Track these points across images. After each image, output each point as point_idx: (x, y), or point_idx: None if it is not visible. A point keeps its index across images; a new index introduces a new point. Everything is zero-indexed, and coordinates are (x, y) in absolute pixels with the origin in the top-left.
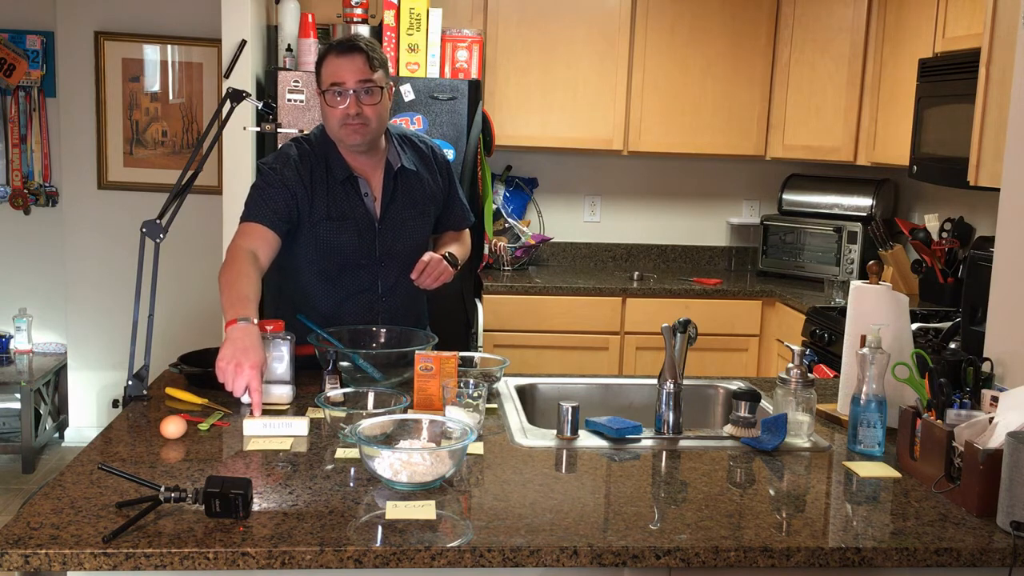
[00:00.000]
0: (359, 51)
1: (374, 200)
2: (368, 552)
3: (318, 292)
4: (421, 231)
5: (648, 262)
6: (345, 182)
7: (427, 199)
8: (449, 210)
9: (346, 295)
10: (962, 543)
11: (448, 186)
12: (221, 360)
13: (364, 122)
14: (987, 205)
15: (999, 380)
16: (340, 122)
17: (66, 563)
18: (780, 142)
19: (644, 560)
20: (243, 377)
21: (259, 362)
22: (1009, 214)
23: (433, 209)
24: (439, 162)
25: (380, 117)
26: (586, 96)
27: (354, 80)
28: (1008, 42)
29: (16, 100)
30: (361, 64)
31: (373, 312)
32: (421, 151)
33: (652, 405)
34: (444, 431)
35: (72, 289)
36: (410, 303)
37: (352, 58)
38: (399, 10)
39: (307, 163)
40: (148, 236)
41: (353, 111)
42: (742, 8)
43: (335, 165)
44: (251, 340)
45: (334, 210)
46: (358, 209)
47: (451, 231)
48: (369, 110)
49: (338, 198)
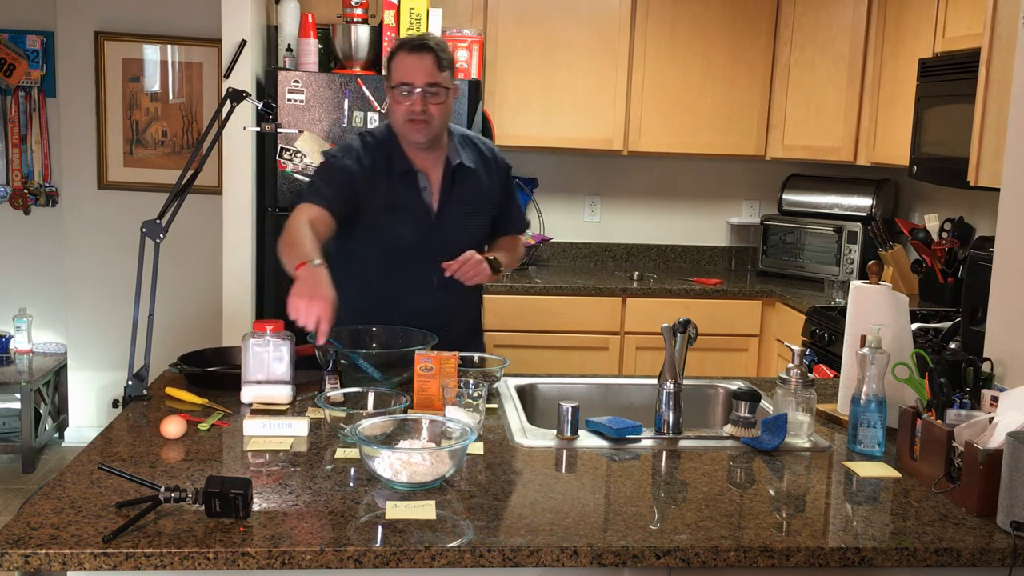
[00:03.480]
0: (429, 51)
1: (432, 195)
2: (368, 552)
3: (374, 284)
4: (477, 228)
5: (648, 262)
6: (405, 175)
7: (483, 198)
8: (505, 213)
9: (403, 288)
10: (962, 543)
11: (506, 189)
12: (292, 296)
13: (428, 120)
14: (987, 205)
15: (999, 380)
16: (405, 118)
17: (66, 563)
18: (780, 142)
19: (644, 560)
20: (315, 311)
21: (329, 297)
22: (1009, 214)
23: (489, 208)
24: (498, 164)
25: (444, 116)
26: (586, 96)
27: (422, 80)
28: (1008, 42)
29: (16, 100)
30: (430, 64)
31: (429, 306)
32: (481, 152)
33: (652, 405)
34: (444, 431)
35: (72, 289)
36: (465, 300)
37: (422, 57)
38: (399, 10)
39: (369, 153)
40: (148, 236)
41: (418, 109)
42: (742, 8)
43: (396, 158)
44: (320, 278)
45: (393, 200)
46: (416, 202)
47: (506, 236)
48: (434, 109)
49: (397, 189)
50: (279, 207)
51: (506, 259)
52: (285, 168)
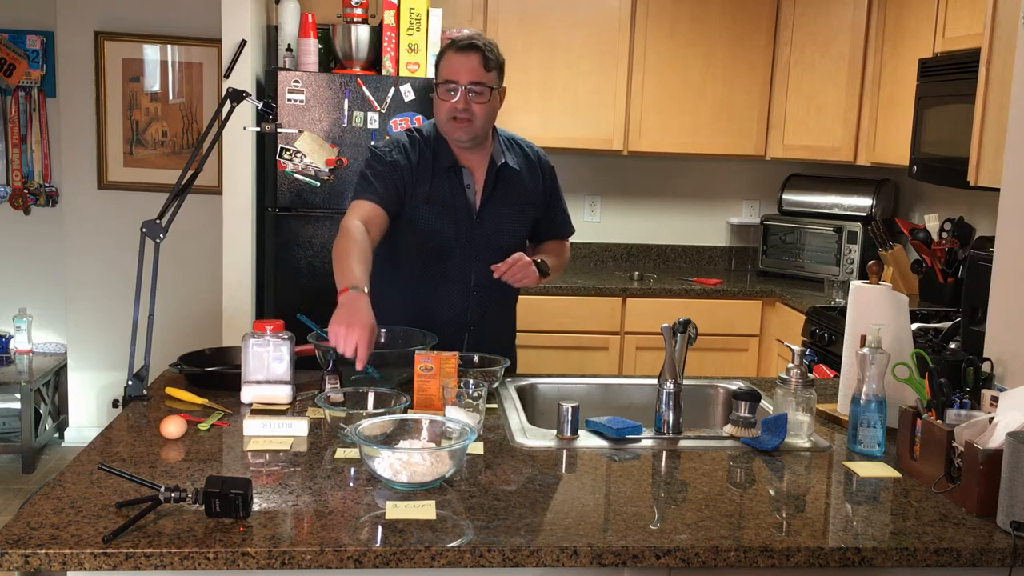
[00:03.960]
0: (477, 50)
1: (475, 193)
2: (368, 552)
3: (413, 279)
4: (518, 229)
5: (648, 262)
6: (449, 171)
7: (527, 199)
8: (550, 217)
9: (440, 283)
10: (962, 543)
11: (551, 192)
12: (333, 323)
13: (470, 118)
14: (987, 205)
15: (999, 380)
16: (448, 115)
17: (66, 563)
18: (780, 142)
19: (644, 560)
20: (353, 338)
21: (368, 324)
22: (1009, 214)
23: (532, 210)
24: (543, 167)
25: (487, 115)
26: (586, 96)
27: (467, 78)
28: (1008, 42)
29: (16, 100)
30: (476, 63)
31: (465, 303)
32: (526, 154)
33: (652, 405)
34: (444, 431)
35: (72, 289)
36: (502, 300)
37: (469, 56)
38: (399, 10)
39: (416, 147)
40: (148, 236)
41: (461, 106)
42: (742, 8)
43: (441, 154)
44: (360, 305)
45: (435, 195)
46: (459, 198)
47: (552, 241)
48: (477, 108)
49: (441, 185)
50: (279, 207)
51: (553, 263)
52: (285, 168)
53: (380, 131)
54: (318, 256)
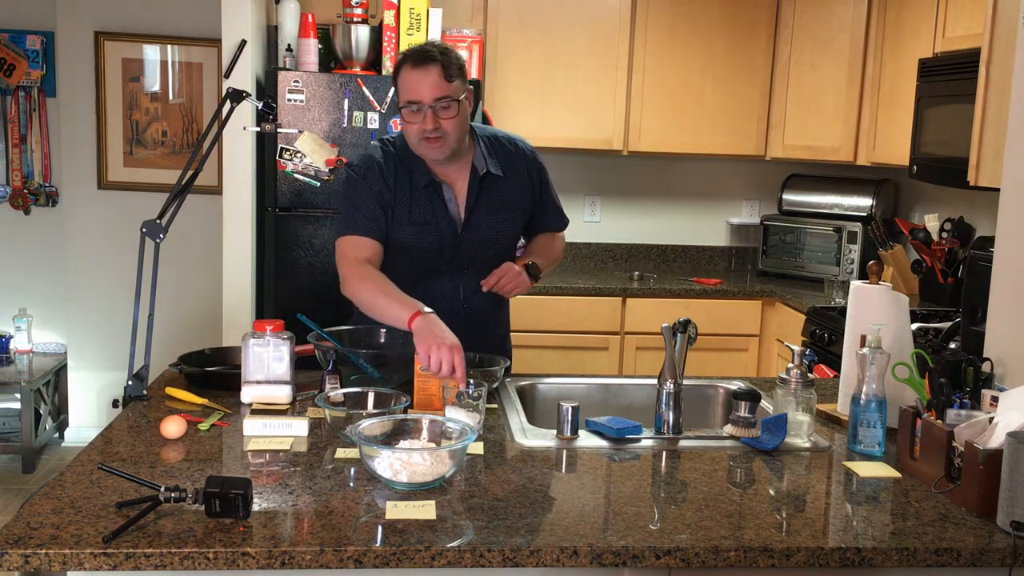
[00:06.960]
0: (434, 61)
1: (458, 206)
2: (368, 552)
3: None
4: (507, 237)
5: (648, 262)
6: (428, 188)
7: (514, 204)
8: (542, 211)
9: (428, 300)
10: (962, 543)
11: (540, 186)
12: (421, 349)
13: (442, 136)
14: (987, 205)
15: (999, 380)
16: (418, 137)
17: (66, 563)
18: (780, 142)
19: (644, 560)
20: (449, 358)
21: (455, 341)
22: (1009, 214)
23: (520, 214)
24: (529, 162)
25: (460, 128)
26: (586, 96)
27: (431, 95)
28: (1008, 42)
29: (16, 100)
30: (437, 76)
31: (456, 318)
32: (509, 153)
33: (652, 405)
34: (444, 431)
35: (72, 289)
36: (493, 309)
37: (427, 71)
38: (399, 10)
39: (391, 167)
40: (148, 236)
41: (431, 126)
42: (742, 8)
43: (417, 171)
44: (437, 326)
45: (415, 215)
46: (440, 215)
47: (544, 233)
48: (447, 123)
49: (420, 203)
50: (279, 207)
51: (544, 262)
52: (285, 168)
53: (380, 131)
54: (318, 256)
